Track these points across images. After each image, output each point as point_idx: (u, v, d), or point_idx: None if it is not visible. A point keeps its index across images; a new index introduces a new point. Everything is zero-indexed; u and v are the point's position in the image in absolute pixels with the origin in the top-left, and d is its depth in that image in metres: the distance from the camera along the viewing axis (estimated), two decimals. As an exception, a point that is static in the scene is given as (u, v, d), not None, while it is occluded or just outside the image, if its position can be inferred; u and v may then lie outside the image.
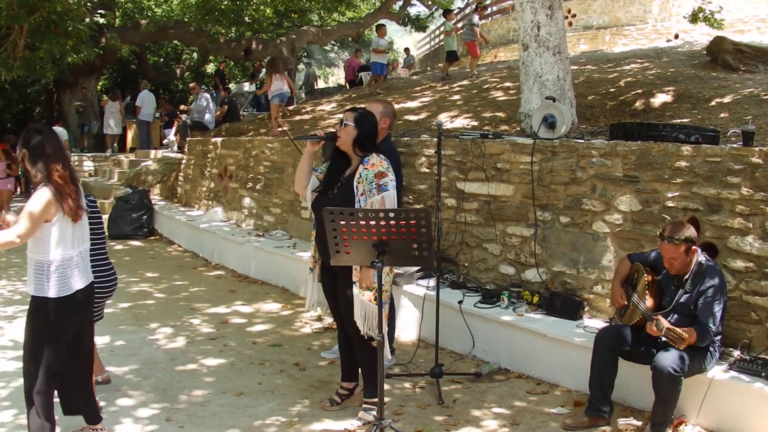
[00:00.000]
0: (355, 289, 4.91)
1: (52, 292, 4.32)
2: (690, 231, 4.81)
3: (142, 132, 19.55)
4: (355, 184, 4.94)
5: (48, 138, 4.41)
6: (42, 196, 4.24)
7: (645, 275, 5.01)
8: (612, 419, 5.07)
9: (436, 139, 6.04)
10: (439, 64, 20.96)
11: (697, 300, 4.77)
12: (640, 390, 5.20)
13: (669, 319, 4.76)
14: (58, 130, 18.09)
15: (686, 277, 4.87)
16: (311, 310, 7.02)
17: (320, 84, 28.94)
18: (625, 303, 5.15)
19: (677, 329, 4.51)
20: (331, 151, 5.25)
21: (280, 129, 10.64)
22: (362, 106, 5.40)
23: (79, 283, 4.46)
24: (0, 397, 5.51)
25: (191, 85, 19.39)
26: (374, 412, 4.81)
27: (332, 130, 5.27)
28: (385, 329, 4.60)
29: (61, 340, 4.45)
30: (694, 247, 4.82)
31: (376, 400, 4.62)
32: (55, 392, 4.59)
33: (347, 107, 5.38)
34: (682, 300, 4.86)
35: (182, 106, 20.76)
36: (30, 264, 4.40)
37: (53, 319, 4.36)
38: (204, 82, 29.50)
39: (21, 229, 4.17)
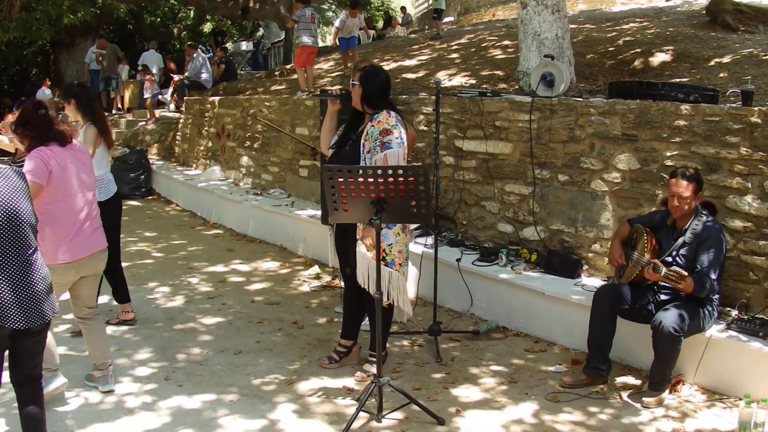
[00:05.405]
0: (360, 247, 4.93)
1: (101, 197, 5.69)
2: (700, 177, 4.91)
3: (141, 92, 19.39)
4: (362, 141, 4.95)
5: (88, 90, 6.22)
6: (93, 129, 5.93)
7: (645, 234, 5.01)
8: (610, 378, 5.10)
9: (434, 97, 6.01)
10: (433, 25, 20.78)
11: (697, 251, 4.79)
12: (638, 349, 5.24)
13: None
14: (44, 91, 18.29)
15: (685, 227, 4.89)
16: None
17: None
18: (623, 263, 5.15)
19: (677, 268, 4.54)
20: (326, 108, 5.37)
21: (263, 120, 10.62)
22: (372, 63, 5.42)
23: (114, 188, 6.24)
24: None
25: (186, 46, 19.21)
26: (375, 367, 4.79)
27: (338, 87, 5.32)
28: (407, 290, 4.87)
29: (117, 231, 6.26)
30: (700, 192, 4.87)
31: (384, 353, 4.66)
32: None
33: (358, 66, 5.41)
34: (682, 251, 4.88)
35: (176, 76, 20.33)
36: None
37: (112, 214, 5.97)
38: (201, 41, 29.23)
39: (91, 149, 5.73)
